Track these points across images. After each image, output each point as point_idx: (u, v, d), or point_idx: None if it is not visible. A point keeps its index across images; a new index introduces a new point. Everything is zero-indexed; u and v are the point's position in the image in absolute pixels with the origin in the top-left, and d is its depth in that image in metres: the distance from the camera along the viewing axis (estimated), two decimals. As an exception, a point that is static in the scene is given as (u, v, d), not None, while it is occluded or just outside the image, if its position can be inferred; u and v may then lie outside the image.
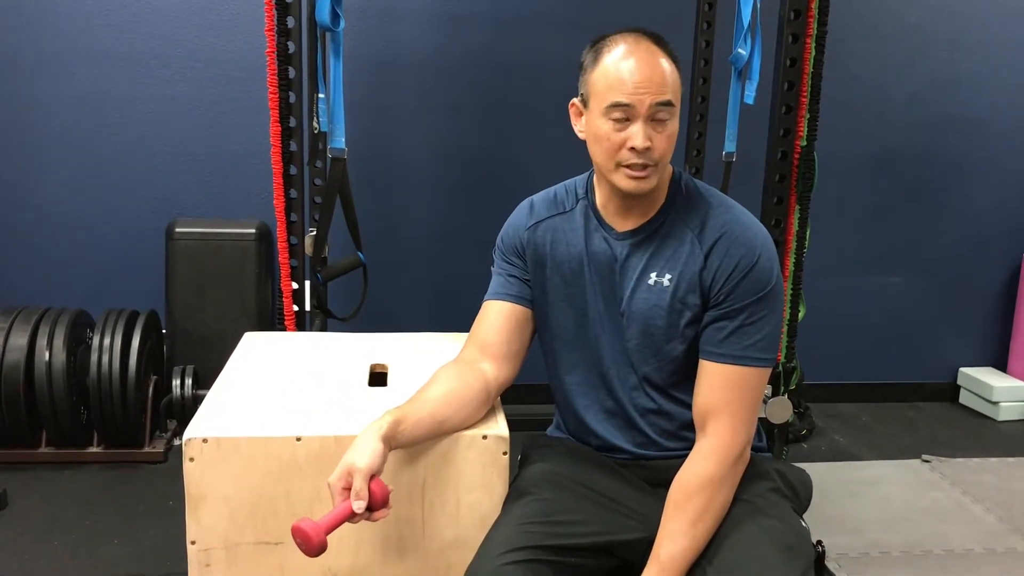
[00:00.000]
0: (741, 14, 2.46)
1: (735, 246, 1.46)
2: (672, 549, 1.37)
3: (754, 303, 1.45)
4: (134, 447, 2.97)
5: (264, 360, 1.85)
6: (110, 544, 2.47)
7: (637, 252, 1.52)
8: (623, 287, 1.52)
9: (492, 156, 3.44)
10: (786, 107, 2.33)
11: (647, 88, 1.39)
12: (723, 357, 1.45)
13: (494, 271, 1.66)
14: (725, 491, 1.42)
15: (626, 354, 1.53)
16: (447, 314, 3.39)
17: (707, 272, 1.46)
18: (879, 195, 3.67)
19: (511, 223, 1.66)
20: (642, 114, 1.40)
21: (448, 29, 3.32)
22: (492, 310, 1.62)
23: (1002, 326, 3.86)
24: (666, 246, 1.51)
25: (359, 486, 1.29)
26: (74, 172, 3.28)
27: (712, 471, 1.41)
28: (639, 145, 1.40)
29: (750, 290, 1.45)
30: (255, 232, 3.24)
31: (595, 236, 1.55)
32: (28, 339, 2.82)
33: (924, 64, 3.58)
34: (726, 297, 1.45)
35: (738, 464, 1.44)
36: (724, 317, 1.46)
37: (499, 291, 1.62)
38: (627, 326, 1.52)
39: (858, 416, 3.64)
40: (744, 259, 1.45)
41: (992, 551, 2.57)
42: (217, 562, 1.48)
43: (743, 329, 1.45)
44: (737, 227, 1.48)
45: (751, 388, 1.45)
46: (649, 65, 1.40)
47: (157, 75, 3.24)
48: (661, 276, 1.49)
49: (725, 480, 1.42)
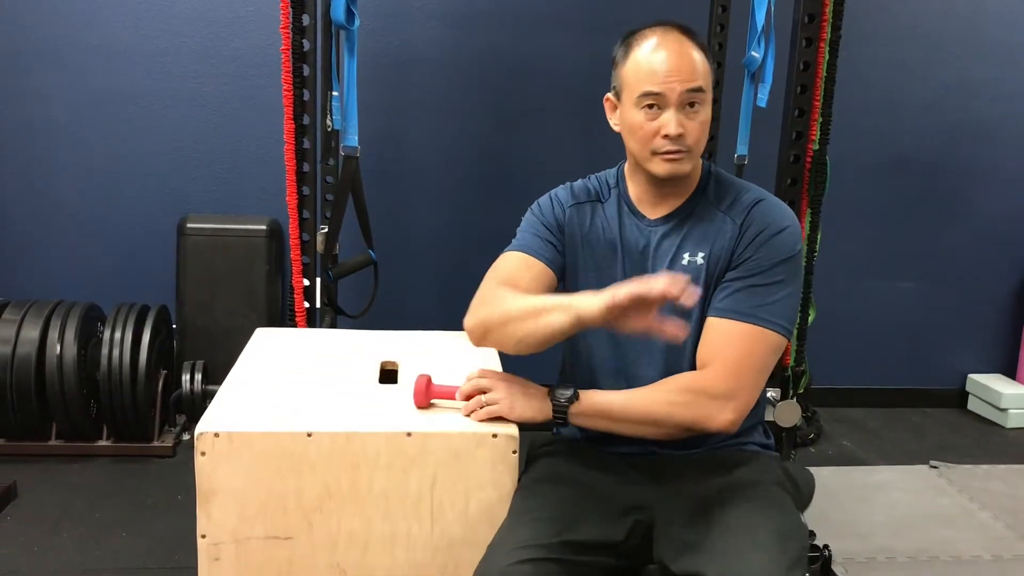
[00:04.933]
0: (755, 17, 2.46)
1: (764, 216, 1.50)
2: (606, 396, 1.47)
3: (772, 267, 1.46)
4: (143, 441, 2.98)
5: (276, 356, 1.85)
6: (118, 537, 2.48)
7: (669, 236, 1.55)
8: (656, 270, 1.53)
9: (504, 155, 3.44)
10: (799, 111, 2.33)
11: (677, 76, 1.43)
12: (730, 313, 1.46)
13: (524, 230, 1.64)
14: (681, 397, 1.44)
15: (656, 339, 1.52)
16: (458, 313, 3.36)
17: (737, 238, 1.50)
18: (890, 200, 3.66)
19: (554, 196, 1.65)
20: (673, 102, 1.43)
21: (462, 28, 3.32)
22: (520, 260, 1.60)
23: (1011, 333, 3.84)
24: (698, 228, 1.53)
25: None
26: (87, 168, 3.30)
27: (689, 377, 1.47)
28: (672, 132, 1.43)
29: (770, 254, 1.47)
30: (266, 229, 3.25)
31: (628, 224, 1.58)
32: (40, 332, 2.84)
33: (937, 70, 3.57)
34: (747, 259, 1.48)
35: (711, 401, 1.43)
36: (738, 277, 1.48)
37: (532, 248, 1.60)
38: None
39: (866, 421, 3.63)
40: (772, 226, 1.48)
41: (999, 558, 2.56)
42: (227, 556, 1.49)
43: (756, 288, 1.46)
44: (769, 201, 1.53)
45: (754, 348, 1.44)
46: (678, 54, 1.44)
47: (170, 71, 3.26)
48: (694, 255, 1.52)
49: (684, 391, 1.44)
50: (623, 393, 1.48)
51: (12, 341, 2.82)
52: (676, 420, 1.44)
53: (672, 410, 1.44)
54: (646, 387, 1.48)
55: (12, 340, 2.82)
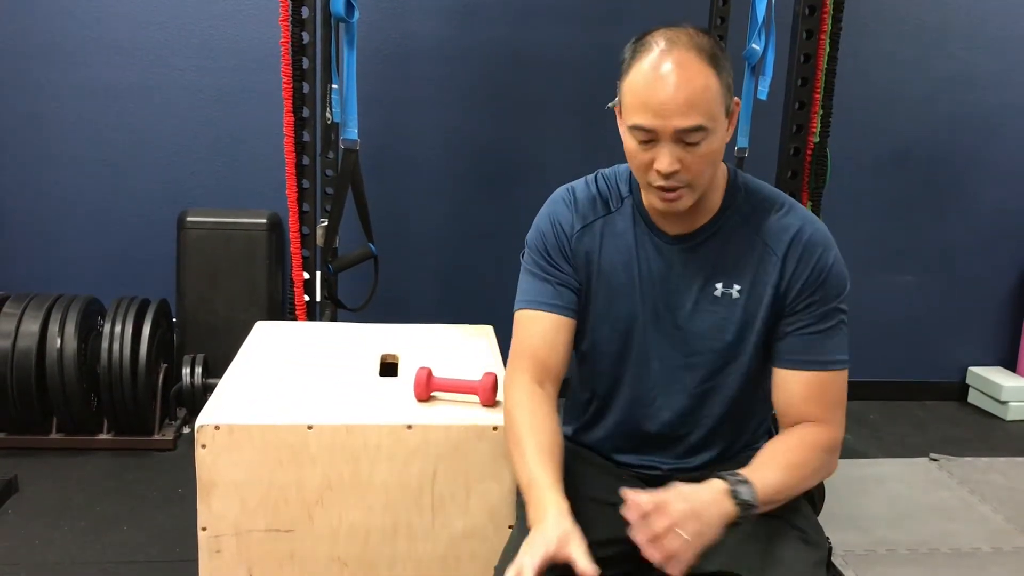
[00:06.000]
0: (756, 9, 2.45)
1: (810, 248, 1.36)
2: (768, 477, 1.28)
3: (834, 308, 1.37)
4: (144, 434, 2.98)
5: (276, 349, 1.86)
6: (119, 530, 2.49)
7: (696, 259, 1.39)
8: (680, 299, 1.40)
9: (504, 148, 3.44)
10: (799, 103, 2.33)
11: (672, 112, 1.23)
12: (810, 364, 1.36)
13: (533, 272, 1.46)
14: (819, 460, 1.35)
15: (680, 371, 1.43)
16: (458, 305, 3.39)
17: (784, 279, 1.36)
18: (891, 193, 3.65)
19: (555, 220, 1.45)
20: (667, 138, 1.25)
21: (462, 21, 3.32)
22: (545, 326, 1.42)
23: (1012, 326, 3.84)
24: (728, 252, 1.38)
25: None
26: (87, 161, 3.29)
27: (814, 436, 1.36)
28: (664, 169, 1.26)
29: (828, 295, 1.36)
30: (266, 222, 3.25)
31: (645, 242, 1.41)
32: (40, 326, 2.84)
33: (939, 62, 3.56)
34: (806, 305, 1.36)
35: (836, 453, 1.39)
36: (806, 324, 1.36)
37: (551, 302, 1.42)
38: (686, 341, 1.41)
39: (867, 414, 3.63)
40: (821, 260, 1.35)
41: (999, 550, 2.57)
42: (228, 548, 1.49)
43: (826, 332, 1.37)
44: (808, 227, 1.37)
45: (840, 391, 1.40)
46: (675, 85, 1.22)
47: (170, 64, 3.25)
48: (728, 287, 1.37)
49: (819, 452, 1.35)
50: (779, 472, 1.31)
51: (12, 335, 2.82)
52: (817, 480, 1.42)
53: (818, 477, 1.40)
54: (788, 454, 1.34)
55: (12, 334, 2.82)
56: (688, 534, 1.16)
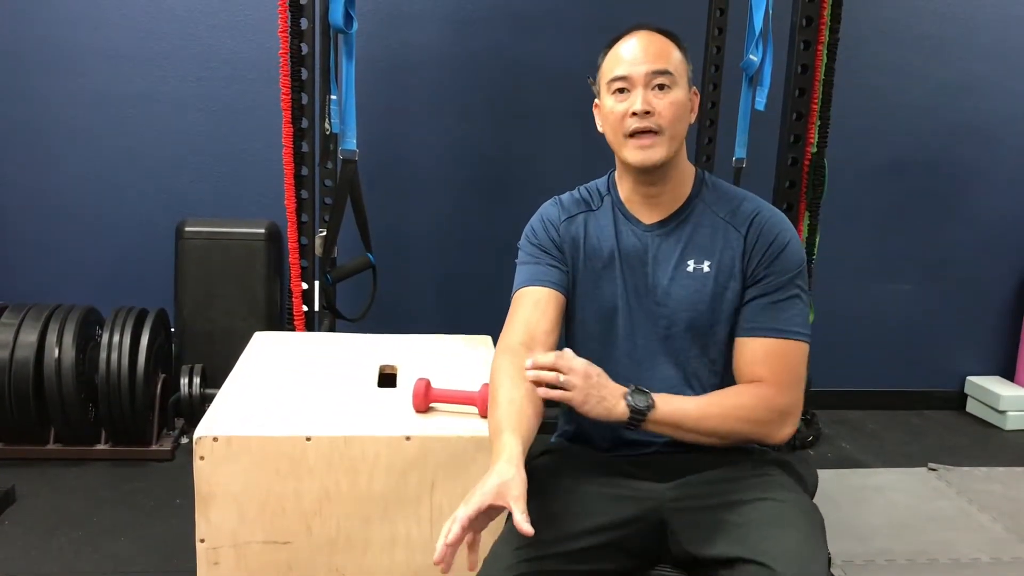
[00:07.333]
0: (753, 20, 2.46)
1: (769, 226, 1.51)
2: (680, 403, 1.43)
3: (789, 282, 1.49)
4: (142, 444, 2.98)
5: (274, 360, 1.85)
6: (117, 541, 2.48)
7: (669, 241, 1.54)
8: (657, 277, 1.53)
9: (502, 158, 3.45)
10: (797, 113, 2.34)
11: (643, 59, 1.46)
12: (766, 331, 1.47)
13: (525, 262, 1.61)
14: (757, 411, 1.44)
15: (663, 344, 1.53)
16: (456, 316, 3.39)
17: (747, 252, 1.50)
18: (889, 202, 3.66)
19: (544, 217, 1.63)
20: (640, 83, 1.46)
21: (459, 32, 3.33)
22: (537, 297, 1.56)
23: (1010, 335, 3.85)
24: (699, 234, 1.53)
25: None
26: (85, 171, 3.30)
27: (758, 389, 1.45)
28: (639, 108, 1.45)
29: (784, 269, 1.49)
30: (264, 232, 3.25)
31: (624, 230, 1.57)
32: (38, 336, 2.83)
33: (936, 71, 3.57)
34: (765, 275, 1.49)
35: (778, 417, 1.45)
36: (763, 294, 1.49)
37: (542, 278, 1.57)
38: (665, 315, 1.52)
39: (865, 423, 3.63)
40: (779, 238, 1.50)
41: (998, 560, 2.56)
42: (226, 560, 1.49)
43: (780, 304, 1.48)
44: (767, 211, 1.54)
45: (795, 361, 1.48)
46: (646, 42, 1.48)
47: (169, 75, 3.26)
48: (700, 263, 1.52)
49: (758, 402, 1.44)
50: (696, 404, 1.45)
51: (10, 345, 2.81)
52: (742, 435, 1.46)
53: (741, 426, 1.45)
54: (716, 397, 1.48)
55: (10, 344, 2.81)
56: (572, 387, 1.38)
